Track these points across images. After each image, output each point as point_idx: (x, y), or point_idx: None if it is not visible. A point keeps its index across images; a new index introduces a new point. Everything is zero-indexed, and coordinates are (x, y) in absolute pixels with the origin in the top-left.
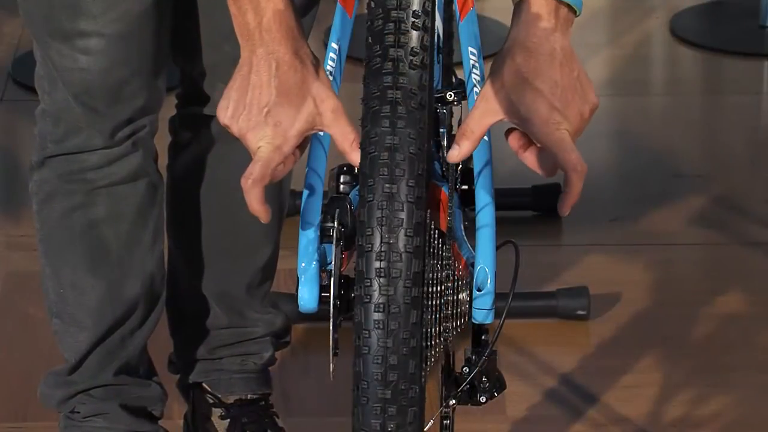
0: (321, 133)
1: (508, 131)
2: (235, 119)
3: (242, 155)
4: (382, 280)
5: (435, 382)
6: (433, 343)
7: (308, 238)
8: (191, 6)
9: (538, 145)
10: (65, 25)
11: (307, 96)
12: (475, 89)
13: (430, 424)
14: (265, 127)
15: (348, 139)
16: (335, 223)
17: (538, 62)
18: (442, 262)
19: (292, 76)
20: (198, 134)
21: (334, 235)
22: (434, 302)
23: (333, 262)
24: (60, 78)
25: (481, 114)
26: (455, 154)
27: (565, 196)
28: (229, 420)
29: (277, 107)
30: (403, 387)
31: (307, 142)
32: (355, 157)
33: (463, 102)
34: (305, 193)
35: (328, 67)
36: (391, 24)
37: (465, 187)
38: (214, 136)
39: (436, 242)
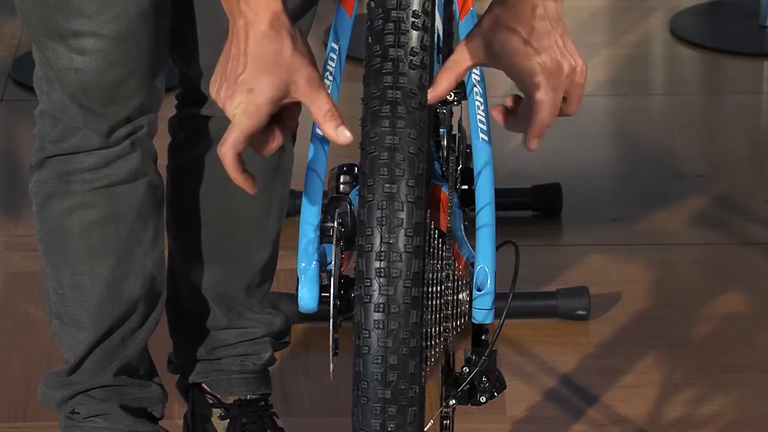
0: (321, 133)
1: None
2: (219, 91)
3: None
4: (382, 280)
5: (435, 382)
6: (433, 343)
7: (308, 238)
8: (189, 6)
9: (514, 109)
10: (61, 25)
11: (283, 65)
12: (475, 89)
13: (430, 424)
14: (240, 95)
15: (322, 110)
16: (335, 223)
17: (517, 11)
18: (442, 262)
19: (267, 45)
20: (197, 134)
21: (334, 235)
22: (434, 302)
23: (333, 262)
24: (56, 78)
25: (458, 57)
26: (432, 93)
27: (530, 128)
28: (228, 420)
29: (251, 75)
30: (403, 387)
31: (295, 123)
32: (328, 129)
33: (463, 102)
34: (305, 193)
35: (329, 67)
36: (391, 24)
37: (465, 187)
38: (212, 137)
39: (436, 242)
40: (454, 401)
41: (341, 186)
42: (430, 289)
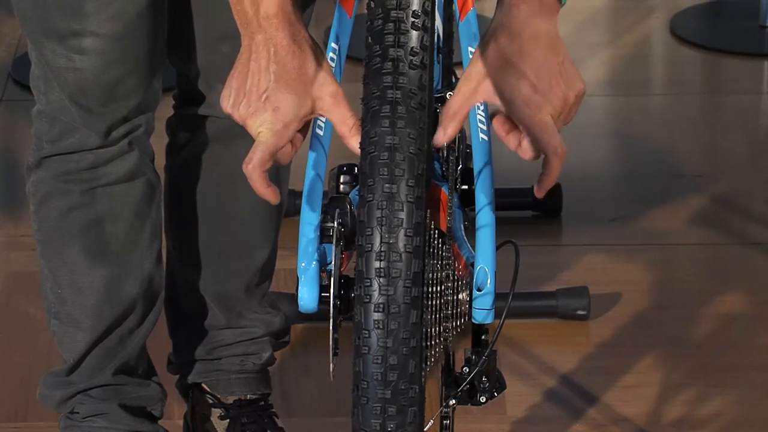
0: (321, 133)
1: (492, 115)
2: (236, 107)
3: (239, 155)
4: (382, 280)
5: (435, 382)
6: (433, 343)
7: (308, 238)
8: (187, 6)
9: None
10: (59, 24)
11: (306, 81)
12: None
13: (430, 424)
14: (264, 113)
15: (347, 124)
16: (335, 223)
17: (522, 45)
18: (442, 262)
19: (290, 61)
20: (195, 135)
21: (334, 235)
22: (434, 302)
23: (333, 262)
24: (54, 78)
25: (464, 95)
26: (441, 136)
27: (543, 178)
28: (228, 420)
29: (276, 93)
30: (403, 387)
31: (309, 126)
32: (354, 143)
33: None
34: (305, 193)
35: None
36: (391, 24)
37: (465, 187)
38: (210, 137)
39: (436, 242)
40: (454, 401)
41: (341, 186)
42: (430, 289)
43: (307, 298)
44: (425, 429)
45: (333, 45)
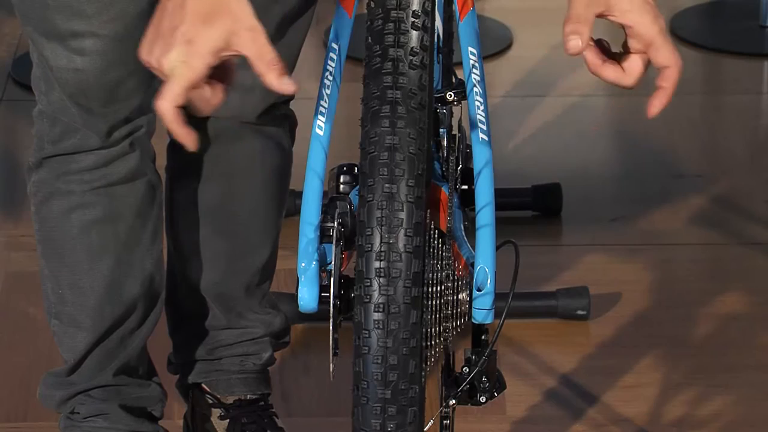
0: (321, 133)
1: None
2: (152, 51)
3: (240, 155)
4: (382, 280)
5: (435, 382)
6: (433, 343)
7: (308, 238)
8: None
9: (621, 56)
10: (60, 25)
11: (224, 14)
12: (475, 89)
13: (430, 424)
14: (178, 48)
15: (264, 60)
16: (335, 223)
17: None
18: (442, 262)
19: None
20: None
21: (334, 235)
22: (434, 302)
23: (333, 262)
24: (55, 78)
25: (588, 3)
26: (576, 44)
27: (660, 93)
28: (228, 420)
29: (190, 26)
30: (403, 387)
31: (233, 72)
32: (271, 78)
33: (463, 102)
34: (305, 193)
35: (329, 68)
36: (391, 24)
37: (465, 187)
38: (210, 137)
39: (436, 242)
40: (454, 401)
41: (341, 186)
42: (430, 289)
43: (307, 298)
44: (425, 429)
45: (333, 45)
